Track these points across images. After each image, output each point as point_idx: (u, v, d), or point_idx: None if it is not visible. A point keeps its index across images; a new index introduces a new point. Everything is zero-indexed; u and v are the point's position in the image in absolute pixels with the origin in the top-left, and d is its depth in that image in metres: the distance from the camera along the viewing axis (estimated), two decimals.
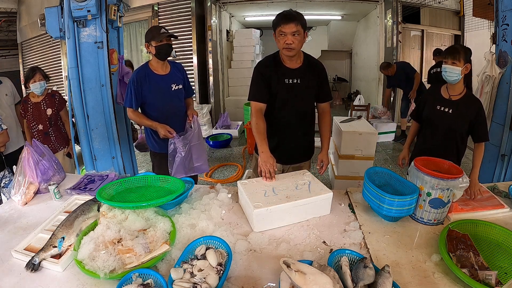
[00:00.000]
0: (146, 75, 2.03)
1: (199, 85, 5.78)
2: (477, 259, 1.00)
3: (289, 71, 1.69)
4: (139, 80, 2.01)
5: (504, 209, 1.34)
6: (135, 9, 5.52)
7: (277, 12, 1.64)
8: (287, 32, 1.54)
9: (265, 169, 1.52)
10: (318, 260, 1.03)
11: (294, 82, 1.70)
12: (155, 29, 2.01)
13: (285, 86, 1.69)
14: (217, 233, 1.21)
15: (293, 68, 1.70)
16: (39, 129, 2.61)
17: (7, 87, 2.72)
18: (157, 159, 2.22)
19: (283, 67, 1.69)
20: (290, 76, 1.69)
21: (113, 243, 1.07)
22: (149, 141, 2.21)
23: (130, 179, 1.51)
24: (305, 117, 1.80)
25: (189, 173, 2.10)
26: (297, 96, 1.72)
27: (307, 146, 1.91)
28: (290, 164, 1.90)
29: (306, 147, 1.91)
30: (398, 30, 5.50)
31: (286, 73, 1.69)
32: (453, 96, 1.76)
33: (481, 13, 4.67)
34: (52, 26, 2.42)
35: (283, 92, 1.70)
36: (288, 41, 1.55)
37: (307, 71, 1.71)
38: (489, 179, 2.39)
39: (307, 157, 1.94)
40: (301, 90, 1.71)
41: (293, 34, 1.55)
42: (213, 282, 0.93)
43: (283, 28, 1.55)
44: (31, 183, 1.60)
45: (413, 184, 1.30)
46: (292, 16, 1.55)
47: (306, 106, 1.78)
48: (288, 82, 1.69)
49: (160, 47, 1.98)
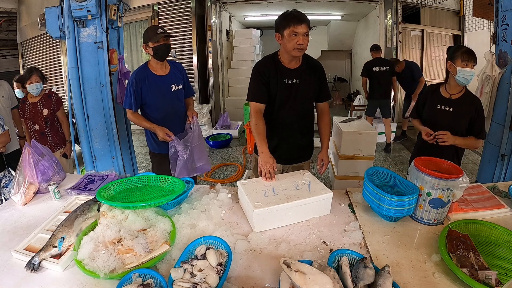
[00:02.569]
0: (145, 76, 2.01)
1: (199, 85, 5.79)
2: (477, 259, 1.00)
3: (288, 71, 1.69)
4: (138, 81, 1.99)
5: (504, 209, 1.34)
6: (135, 9, 5.52)
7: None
8: (299, 32, 1.54)
9: (265, 169, 1.52)
10: (318, 260, 1.03)
11: (293, 82, 1.69)
12: (152, 30, 1.98)
13: (284, 86, 1.69)
14: (217, 233, 1.21)
15: (292, 68, 1.69)
16: (36, 129, 2.62)
17: (5, 90, 2.73)
18: (157, 159, 2.22)
19: (282, 67, 1.69)
20: (289, 76, 1.69)
21: (113, 243, 1.07)
22: (148, 142, 2.20)
23: (130, 179, 1.50)
24: (304, 117, 1.80)
25: (192, 174, 2.11)
26: (296, 96, 1.71)
27: (307, 146, 1.91)
28: (290, 164, 1.91)
29: (305, 147, 1.91)
30: (398, 30, 5.50)
31: (285, 73, 1.68)
32: (453, 95, 1.77)
33: (481, 13, 4.66)
34: (52, 26, 2.43)
35: (282, 92, 1.70)
36: (300, 41, 1.55)
37: (306, 71, 1.71)
38: (489, 179, 2.39)
39: (307, 157, 1.94)
40: (300, 90, 1.71)
41: (304, 35, 1.55)
42: (213, 282, 0.93)
43: (296, 28, 1.54)
44: (31, 183, 1.60)
45: (413, 184, 1.30)
46: (303, 17, 1.56)
47: (305, 106, 1.78)
48: (287, 82, 1.69)
49: (157, 48, 1.95)
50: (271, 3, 5.94)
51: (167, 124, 2.05)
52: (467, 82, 1.70)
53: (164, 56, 2.01)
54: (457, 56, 1.68)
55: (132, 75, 2.03)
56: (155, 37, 1.93)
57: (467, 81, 1.69)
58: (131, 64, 6.13)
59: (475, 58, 1.67)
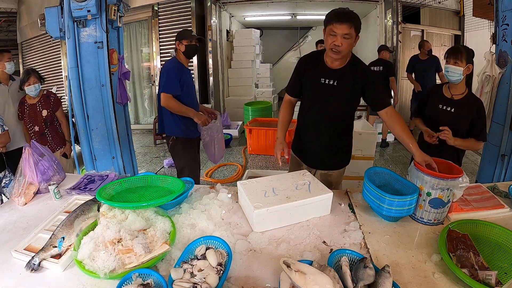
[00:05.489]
0: (182, 66, 2.29)
1: (199, 85, 5.79)
2: (477, 259, 1.00)
3: (327, 70, 1.60)
4: (180, 68, 2.24)
5: (504, 209, 1.34)
6: (135, 9, 5.51)
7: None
8: (338, 33, 1.43)
9: (276, 153, 1.65)
10: (318, 260, 1.03)
11: (329, 83, 1.60)
12: (187, 31, 2.33)
13: (319, 85, 1.61)
14: (217, 233, 1.21)
15: (334, 68, 1.59)
16: (36, 131, 2.62)
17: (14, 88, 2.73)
18: (188, 144, 2.41)
19: (324, 65, 1.61)
20: (327, 75, 1.60)
21: (113, 243, 1.07)
22: (177, 128, 2.35)
23: (130, 179, 1.50)
24: (336, 122, 1.68)
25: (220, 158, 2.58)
26: (328, 98, 1.62)
27: (337, 154, 1.78)
28: (318, 169, 1.81)
29: (335, 155, 1.78)
30: (398, 30, 5.50)
31: (324, 72, 1.60)
32: (455, 95, 1.77)
33: (481, 13, 4.66)
34: (52, 26, 2.43)
35: (315, 92, 1.64)
36: (336, 42, 1.44)
37: (347, 74, 1.58)
38: (489, 179, 2.39)
39: (337, 167, 1.82)
40: (334, 92, 1.60)
41: (343, 37, 1.43)
42: (213, 282, 0.93)
43: (334, 27, 1.43)
44: (31, 183, 1.60)
45: (413, 184, 1.30)
46: (347, 17, 1.43)
47: (338, 110, 1.65)
48: (323, 81, 1.61)
49: (189, 46, 2.27)
50: (271, 3, 5.93)
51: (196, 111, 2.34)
52: (450, 78, 1.72)
53: (193, 54, 2.34)
54: (446, 56, 1.76)
55: (170, 64, 2.27)
56: (190, 37, 2.26)
57: (449, 77, 1.72)
58: (131, 64, 6.12)
59: (457, 55, 1.68)
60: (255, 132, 4.57)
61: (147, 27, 5.86)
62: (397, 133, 1.55)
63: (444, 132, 1.70)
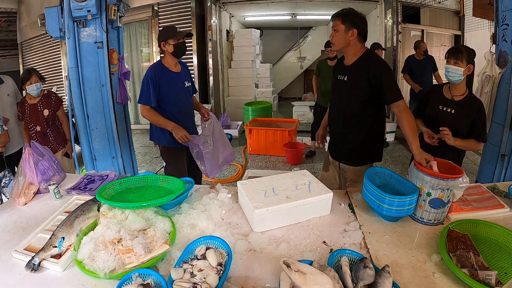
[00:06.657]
0: (162, 72, 2.08)
1: (199, 85, 5.79)
2: (477, 259, 1.00)
3: (343, 67, 1.70)
4: (157, 77, 2.04)
5: (504, 209, 1.34)
6: (135, 9, 5.51)
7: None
8: (332, 28, 1.63)
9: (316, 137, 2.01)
10: (318, 260, 1.03)
11: (342, 79, 1.68)
12: (172, 28, 2.08)
13: (337, 82, 1.73)
14: (217, 233, 1.21)
15: (346, 64, 1.68)
16: (37, 131, 2.61)
17: (9, 87, 2.72)
18: (173, 154, 2.21)
19: (341, 63, 1.72)
20: (341, 72, 1.70)
21: (113, 243, 1.07)
22: (162, 138, 2.17)
23: (130, 179, 1.50)
24: (349, 117, 1.69)
25: (222, 167, 2.23)
26: (340, 93, 1.70)
27: (351, 150, 1.78)
28: (335, 160, 1.91)
29: (349, 150, 1.79)
30: (398, 30, 5.50)
31: (340, 69, 1.72)
32: (455, 96, 1.76)
33: (481, 13, 4.67)
34: (52, 26, 2.43)
35: (333, 88, 1.76)
36: (330, 36, 1.65)
37: (356, 69, 1.62)
38: (489, 179, 2.39)
39: (350, 162, 1.81)
40: (345, 87, 1.67)
41: (333, 30, 1.61)
42: (213, 282, 0.93)
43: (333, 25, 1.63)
44: (31, 183, 1.60)
45: (413, 184, 1.30)
46: (337, 12, 1.62)
47: (351, 105, 1.67)
48: (339, 78, 1.70)
49: (178, 45, 2.04)
50: (271, 3, 5.93)
51: (181, 119, 2.11)
52: (451, 79, 1.72)
53: (182, 54, 2.11)
54: (446, 56, 1.76)
55: (149, 71, 2.07)
56: (177, 35, 2.02)
57: (449, 77, 1.72)
58: (131, 64, 6.13)
59: (458, 55, 1.68)
60: (255, 132, 4.58)
61: (147, 27, 5.86)
62: (402, 130, 1.58)
63: (443, 133, 1.70)
